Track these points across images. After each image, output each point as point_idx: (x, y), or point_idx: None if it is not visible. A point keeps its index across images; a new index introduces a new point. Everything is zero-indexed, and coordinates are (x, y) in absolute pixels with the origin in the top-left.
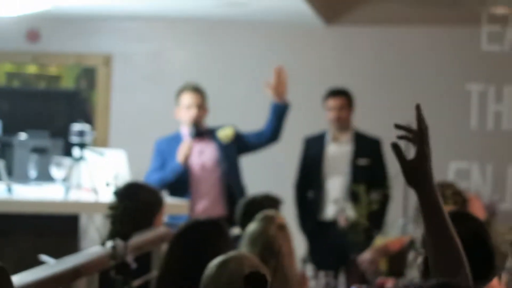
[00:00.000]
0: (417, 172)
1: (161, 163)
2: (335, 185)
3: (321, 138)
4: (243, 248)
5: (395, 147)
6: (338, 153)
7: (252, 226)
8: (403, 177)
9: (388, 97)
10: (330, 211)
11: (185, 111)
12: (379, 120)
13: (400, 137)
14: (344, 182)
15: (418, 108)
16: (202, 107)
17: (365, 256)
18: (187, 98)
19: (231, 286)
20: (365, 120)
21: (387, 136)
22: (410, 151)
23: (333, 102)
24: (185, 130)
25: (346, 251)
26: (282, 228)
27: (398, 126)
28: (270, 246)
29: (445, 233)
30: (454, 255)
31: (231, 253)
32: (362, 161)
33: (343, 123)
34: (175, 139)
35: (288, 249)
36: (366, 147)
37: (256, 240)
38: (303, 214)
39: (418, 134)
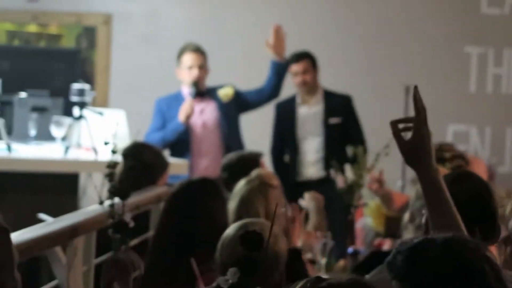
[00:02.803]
0: (416, 152)
1: (162, 122)
2: (310, 146)
3: (291, 102)
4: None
5: (393, 126)
6: (309, 114)
7: (240, 182)
8: (402, 156)
9: (387, 58)
10: (309, 171)
11: (186, 72)
12: (377, 82)
13: (402, 130)
14: (318, 143)
15: (415, 89)
16: (203, 67)
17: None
18: (189, 59)
19: None
20: (361, 81)
21: (391, 97)
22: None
23: (296, 67)
24: (186, 90)
25: (342, 212)
26: (264, 187)
27: (395, 122)
28: (245, 202)
29: (445, 210)
30: (453, 228)
31: (252, 219)
32: (334, 120)
33: (309, 86)
34: (176, 99)
35: (267, 210)
36: (336, 105)
37: (236, 194)
38: (281, 177)
39: (416, 116)
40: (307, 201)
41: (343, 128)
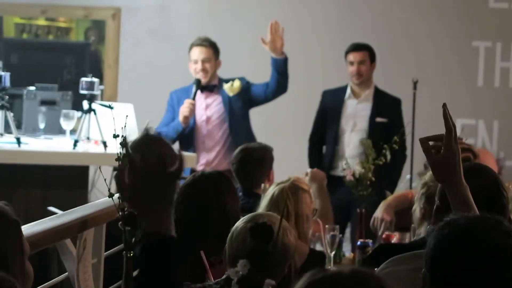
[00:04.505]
0: (446, 170)
1: (171, 115)
2: (351, 141)
3: (340, 92)
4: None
5: (423, 143)
6: (358, 109)
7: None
8: (432, 173)
9: (395, 53)
10: (343, 166)
11: (193, 66)
12: (386, 76)
13: (432, 148)
14: (360, 139)
15: (444, 106)
16: (209, 61)
17: (380, 215)
18: (194, 53)
19: None
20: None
21: (399, 91)
22: None
23: (352, 56)
24: None
25: (352, 205)
26: (295, 189)
27: (425, 139)
28: (275, 202)
29: None
30: None
31: (264, 212)
32: (381, 119)
33: (363, 77)
34: (187, 92)
35: (296, 212)
36: (385, 105)
37: (267, 194)
38: (313, 167)
39: (446, 134)
40: (308, 181)
41: (388, 128)
